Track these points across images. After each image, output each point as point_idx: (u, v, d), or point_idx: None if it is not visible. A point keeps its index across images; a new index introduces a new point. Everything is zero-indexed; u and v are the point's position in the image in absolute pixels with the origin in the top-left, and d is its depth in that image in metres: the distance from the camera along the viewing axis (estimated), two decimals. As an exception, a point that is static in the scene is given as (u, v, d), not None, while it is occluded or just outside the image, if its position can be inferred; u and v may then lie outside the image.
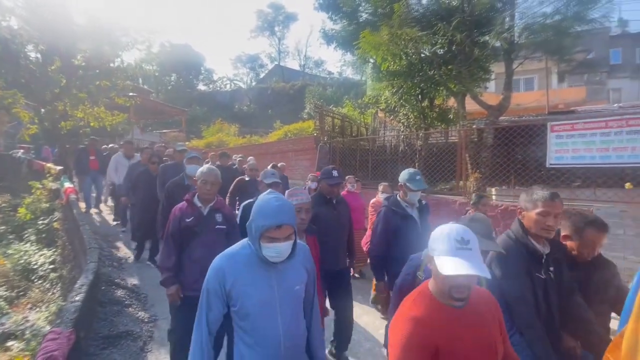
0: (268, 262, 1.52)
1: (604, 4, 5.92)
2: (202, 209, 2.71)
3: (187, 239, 2.65)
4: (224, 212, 2.77)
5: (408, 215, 2.95)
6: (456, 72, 7.07)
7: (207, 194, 2.70)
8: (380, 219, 3.01)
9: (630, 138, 4.58)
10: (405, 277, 2.00)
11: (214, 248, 2.40)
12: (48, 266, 6.42)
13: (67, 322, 2.61)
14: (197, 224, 2.64)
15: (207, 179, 2.67)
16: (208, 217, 2.70)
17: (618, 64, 21.76)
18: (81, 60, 9.65)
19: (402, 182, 2.92)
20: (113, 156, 7.37)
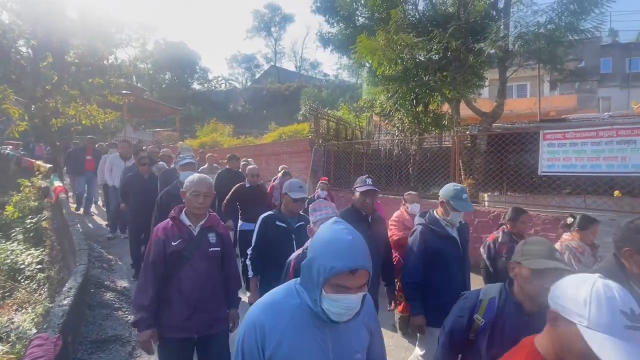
0: (324, 319, 1.12)
1: (596, 15, 6.03)
2: (192, 228, 2.19)
3: (173, 267, 2.11)
4: (217, 231, 2.27)
5: (449, 236, 2.49)
6: (451, 78, 7.14)
7: (198, 209, 2.17)
8: (416, 239, 2.55)
9: (620, 148, 4.66)
10: (457, 319, 1.64)
11: (207, 276, 2.15)
12: (35, 266, 6.29)
13: (55, 327, 2.56)
14: (186, 247, 2.12)
15: (199, 190, 2.14)
16: (199, 238, 2.18)
17: (608, 73, 22.21)
18: (74, 57, 9.52)
19: (445, 199, 2.46)
20: (108, 156, 6.90)
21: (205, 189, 2.19)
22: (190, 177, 2.23)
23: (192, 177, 2.24)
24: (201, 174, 2.31)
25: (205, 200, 2.18)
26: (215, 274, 2.23)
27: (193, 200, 2.16)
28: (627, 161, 4.61)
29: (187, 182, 2.20)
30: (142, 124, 26.17)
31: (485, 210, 5.88)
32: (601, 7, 5.93)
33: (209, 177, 2.28)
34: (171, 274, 2.12)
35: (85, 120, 9.76)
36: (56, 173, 8.89)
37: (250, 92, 37.68)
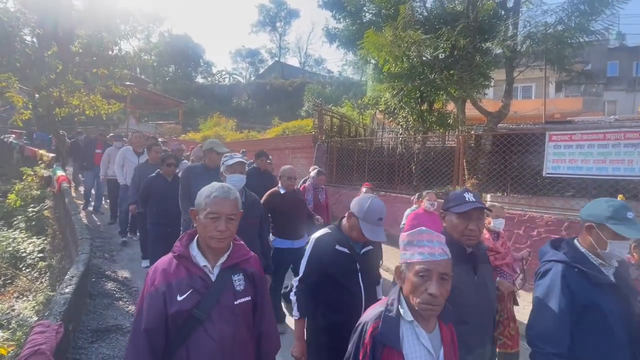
0: None
1: (607, 16, 5.96)
2: (209, 270, 1.43)
3: (179, 335, 1.37)
4: (247, 270, 1.51)
5: (608, 282, 1.55)
6: (457, 77, 7.08)
7: (218, 240, 1.40)
8: (554, 286, 1.57)
9: (627, 151, 4.62)
10: None
11: (231, 344, 1.40)
12: (37, 255, 6.32)
13: (56, 315, 2.56)
14: (199, 304, 1.37)
15: (220, 211, 1.40)
16: (220, 285, 1.42)
17: (615, 77, 22.04)
18: (79, 47, 9.50)
19: (598, 221, 1.57)
20: (120, 149, 6.10)
21: (228, 208, 1.41)
22: (207, 190, 1.45)
23: (209, 188, 1.45)
24: (223, 184, 1.50)
25: (229, 227, 1.39)
26: (244, 338, 1.47)
27: (210, 226, 1.38)
28: (634, 164, 4.57)
29: (202, 196, 1.44)
30: (145, 116, 26.17)
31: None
32: (612, 8, 5.85)
33: (234, 189, 1.50)
34: (176, 345, 1.36)
35: (89, 111, 9.76)
36: (59, 162, 8.89)
37: (253, 87, 37.57)
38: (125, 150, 5.98)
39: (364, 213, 1.85)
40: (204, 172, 3.49)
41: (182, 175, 3.63)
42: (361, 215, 1.86)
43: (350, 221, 1.94)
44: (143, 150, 5.86)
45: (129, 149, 5.97)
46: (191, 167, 3.66)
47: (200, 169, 3.59)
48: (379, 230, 1.87)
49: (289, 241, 3.58)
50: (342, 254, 1.92)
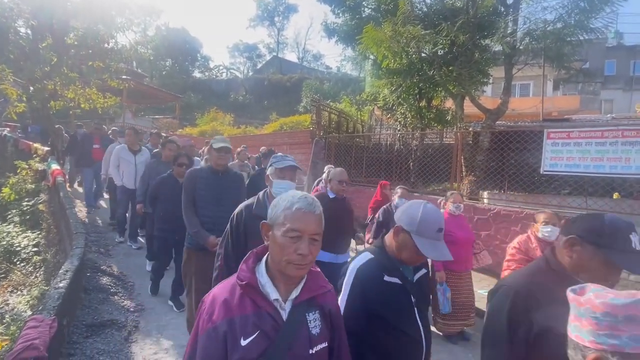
0: None
1: (606, 13, 5.95)
2: (280, 304, 1.10)
3: None
4: (323, 307, 1.18)
5: None
6: (456, 74, 7.05)
7: (299, 267, 1.07)
8: None
9: (624, 149, 4.63)
10: None
11: None
12: (31, 249, 6.25)
13: (50, 309, 2.53)
14: (266, 351, 1.04)
15: (304, 229, 1.07)
16: (294, 325, 1.09)
17: (612, 75, 22.11)
18: (74, 39, 9.37)
19: None
20: (115, 147, 5.71)
21: (314, 225, 1.08)
22: (286, 199, 1.10)
23: (289, 198, 1.11)
24: (306, 194, 1.15)
25: (312, 249, 1.07)
26: None
27: (289, 247, 1.05)
28: (631, 163, 4.58)
29: (277, 209, 1.10)
30: (142, 111, 25.97)
31: (485, 208, 5.86)
32: (612, 6, 5.84)
33: (317, 201, 1.14)
34: None
35: (85, 104, 9.65)
36: (54, 156, 8.80)
37: (251, 82, 37.37)
38: (120, 148, 5.51)
39: (418, 225, 1.40)
40: (211, 176, 2.96)
41: (186, 180, 3.02)
42: (414, 228, 1.41)
43: (399, 238, 1.46)
44: (140, 148, 5.53)
45: (124, 147, 5.52)
46: (195, 172, 3.07)
47: (207, 172, 3.01)
48: (440, 246, 1.42)
49: (332, 255, 3.14)
50: (393, 286, 1.43)
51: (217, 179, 2.96)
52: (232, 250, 1.99)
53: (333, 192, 3.31)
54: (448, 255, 1.41)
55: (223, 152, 2.93)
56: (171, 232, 3.73)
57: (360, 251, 1.62)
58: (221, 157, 2.96)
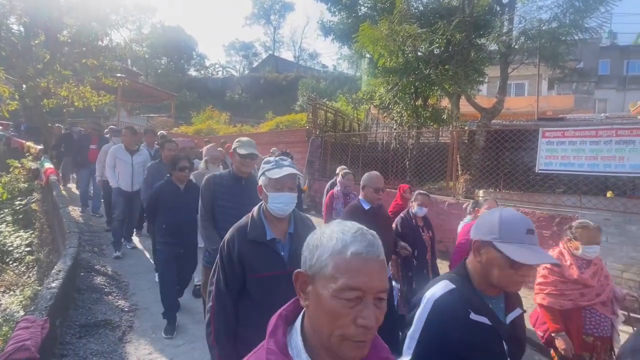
0: None
1: (601, 13, 5.98)
2: None
3: None
4: None
5: None
6: (452, 73, 7.07)
7: (361, 343, 0.69)
8: None
9: (618, 148, 4.66)
10: None
11: None
12: (24, 249, 6.19)
13: (42, 310, 2.49)
14: None
15: (368, 284, 0.68)
16: None
17: (606, 75, 22.31)
18: (67, 36, 9.26)
19: None
20: (111, 148, 5.27)
21: (378, 278, 0.71)
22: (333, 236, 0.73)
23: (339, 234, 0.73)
24: (362, 228, 0.76)
25: (379, 315, 0.71)
26: None
27: (345, 316, 0.69)
28: (625, 161, 4.62)
29: (322, 253, 0.72)
30: (137, 109, 25.76)
31: (481, 206, 5.88)
32: (606, 5, 5.88)
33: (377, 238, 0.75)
34: None
35: (78, 102, 9.54)
36: (47, 155, 8.69)
37: (247, 80, 37.21)
38: (116, 148, 5.14)
39: (500, 229, 1.12)
40: (233, 183, 2.58)
41: (204, 188, 2.62)
42: (495, 234, 1.12)
43: (481, 256, 1.15)
44: (137, 148, 5.22)
45: (120, 147, 5.15)
46: (214, 179, 2.61)
47: (228, 179, 2.60)
48: (537, 249, 1.10)
49: None
50: (481, 327, 1.13)
51: (240, 187, 2.55)
52: (226, 287, 1.57)
53: (367, 201, 2.87)
54: (550, 258, 1.13)
55: (249, 158, 2.55)
56: (176, 245, 3.31)
57: (437, 279, 1.29)
58: (247, 164, 2.57)
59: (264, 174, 1.69)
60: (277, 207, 1.62)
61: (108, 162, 5.12)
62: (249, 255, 1.58)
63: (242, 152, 2.52)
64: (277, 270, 1.57)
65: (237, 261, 1.58)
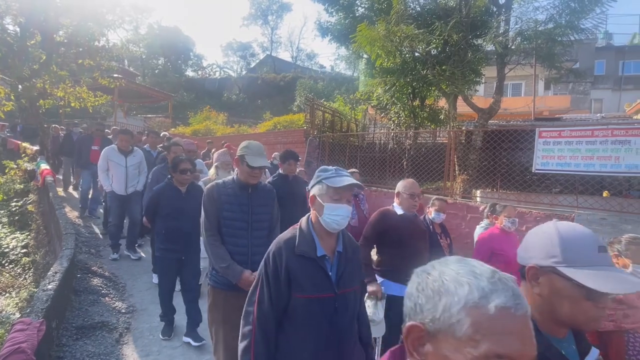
0: None
1: (596, 14, 6.03)
2: None
3: None
4: None
5: None
6: (449, 73, 7.09)
7: None
8: None
9: (614, 148, 4.69)
10: None
11: None
12: (20, 250, 6.16)
13: (38, 312, 2.48)
14: None
15: (521, 350, 0.54)
16: None
17: (601, 75, 22.43)
18: (63, 37, 9.23)
19: None
20: (103, 150, 4.98)
21: (530, 341, 0.57)
22: (458, 283, 0.57)
23: (469, 280, 0.57)
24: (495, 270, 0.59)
25: None
26: None
27: None
28: (621, 161, 4.65)
29: (449, 304, 0.56)
30: (134, 110, 25.70)
31: (478, 207, 5.90)
32: (602, 6, 5.92)
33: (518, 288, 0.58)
34: None
35: (75, 103, 9.51)
36: (43, 156, 8.65)
37: (245, 81, 37.16)
38: (109, 150, 4.88)
39: (563, 251, 0.86)
40: (239, 192, 2.25)
41: (206, 199, 2.27)
42: (557, 256, 0.86)
43: (544, 286, 0.88)
44: (132, 149, 4.94)
45: (113, 148, 4.91)
46: (218, 188, 2.26)
47: (233, 187, 2.26)
48: (617, 274, 0.84)
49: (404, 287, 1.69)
50: None
51: (247, 196, 2.25)
52: (271, 307, 1.39)
53: (402, 208, 2.68)
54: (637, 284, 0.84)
55: (259, 170, 2.24)
56: (176, 252, 3.14)
57: None
58: (256, 176, 2.25)
59: (320, 182, 1.49)
60: (333, 220, 1.44)
61: (100, 165, 4.84)
62: (298, 272, 1.41)
63: (254, 163, 2.18)
64: (325, 292, 1.42)
65: (283, 278, 1.40)
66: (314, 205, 1.51)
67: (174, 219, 3.11)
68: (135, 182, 4.92)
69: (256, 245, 2.18)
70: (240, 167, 2.25)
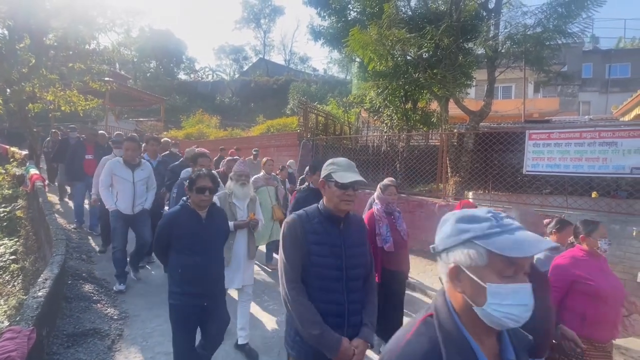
0: None
1: (582, 19, 6.16)
2: None
3: None
4: None
5: None
6: (441, 76, 7.18)
7: None
8: None
9: (601, 149, 4.80)
10: None
11: None
12: (9, 257, 6.04)
13: (28, 320, 2.44)
14: None
15: None
16: None
17: (589, 78, 22.91)
18: (53, 40, 9.11)
19: None
20: (107, 162, 4.33)
21: None
22: None
23: None
24: None
25: None
26: None
27: None
28: (608, 162, 4.75)
29: None
30: (125, 113, 25.46)
31: (471, 208, 5.96)
32: (588, 11, 6.06)
33: None
34: None
35: (65, 107, 9.38)
36: (32, 160, 8.51)
37: (237, 84, 37.08)
38: (114, 163, 4.15)
39: None
40: (329, 226, 1.70)
41: (289, 233, 1.70)
42: None
43: None
44: (139, 162, 4.27)
45: (118, 160, 4.18)
46: (301, 219, 1.71)
47: (320, 220, 1.71)
48: None
49: None
50: None
51: (339, 234, 1.70)
52: None
53: None
54: None
55: (352, 189, 1.66)
56: (196, 297, 2.38)
57: None
58: (349, 198, 1.67)
59: (470, 243, 0.82)
60: (508, 314, 0.78)
61: (103, 180, 4.14)
62: None
63: (343, 180, 1.63)
64: None
65: None
66: (465, 289, 0.83)
67: (194, 254, 2.39)
68: (143, 200, 4.31)
69: (353, 302, 1.65)
70: (328, 190, 1.68)
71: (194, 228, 2.43)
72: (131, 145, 4.19)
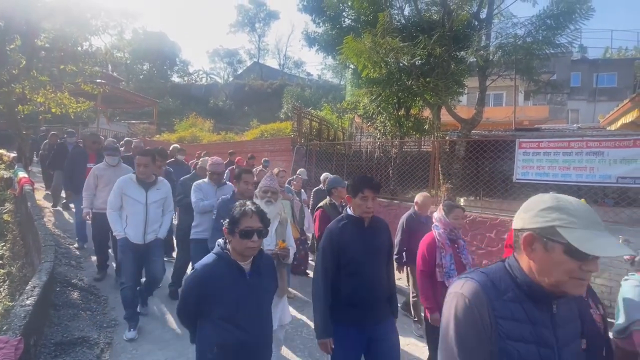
0: None
1: (570, 31, 6.33)
2: None
3: None
4: None
5: None
6: (433, 84, 7.29)
7: None
8: None
9: (589, 159, 4.91)
10: None
11: None
12: (-5, 262, 5.90)
13: (15, 329, 2.39)
14: None
15: None
16: None
17: (577, 87, 23.41)
18: (45, 41, 9.02)
19: None
20: (118, 179, 3.55)
21: None
22: None
23: None
24: None
25: None
26: None
27: None
28: (595, 171, 4.86)
29: None
30: (117, 115, 25.21)
31: (462, 215, 6.03)
32: (575, 24, 6.23)
33: None
34: None
35: (55, 109, 9.27)
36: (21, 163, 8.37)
37: (231, 87, 37.04)
38: (125, 182, 3.45)
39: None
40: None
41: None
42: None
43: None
44: (155, 179, 3.55)
45: (131, 178, 3.49)
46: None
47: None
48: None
49: None
50: None
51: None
52: None
53: None
54: None
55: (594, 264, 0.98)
56: (241, 330, 1.74)
57: None
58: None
59: None
60: None
61: (112, 201, 3.42)
62: None
63: (594, 250, 1.00)
64: None
65: None
66: None
67: (236, 328, 1.72)
68: (157, 227, 3.55)
69: None
70: (543, 255, 0.96)
71: (238, 289, 1.74)
72: (143, 160, 3.42)
